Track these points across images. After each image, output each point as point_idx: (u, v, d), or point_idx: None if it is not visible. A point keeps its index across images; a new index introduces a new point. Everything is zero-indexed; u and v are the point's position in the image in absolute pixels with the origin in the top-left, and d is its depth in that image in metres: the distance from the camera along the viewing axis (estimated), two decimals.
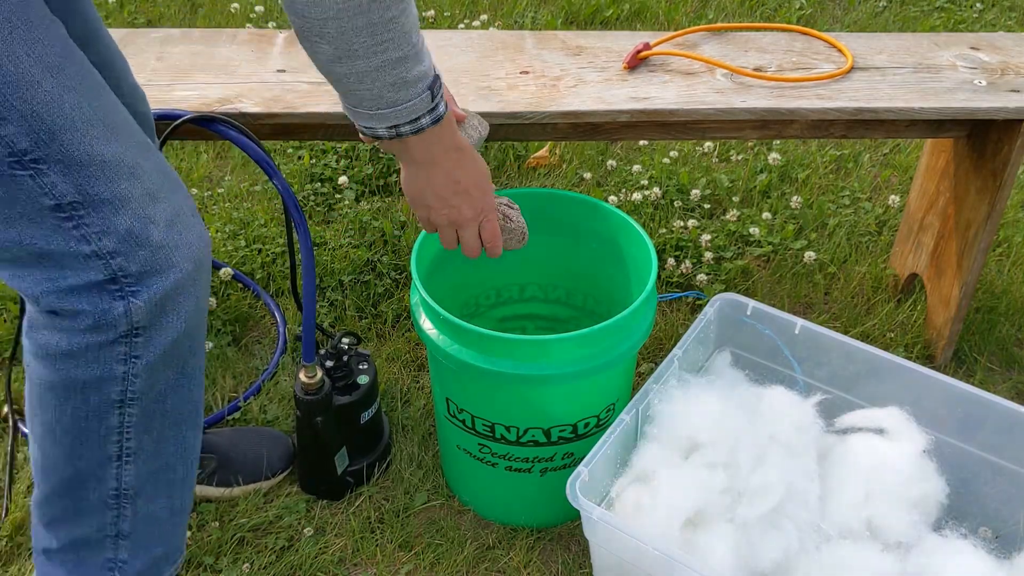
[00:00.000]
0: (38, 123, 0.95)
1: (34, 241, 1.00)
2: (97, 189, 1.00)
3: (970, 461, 1.38)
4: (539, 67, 1.58)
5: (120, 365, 1.07)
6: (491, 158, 2.31)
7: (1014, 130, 1.55)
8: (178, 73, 1.53)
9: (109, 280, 1.02)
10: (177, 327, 1.09)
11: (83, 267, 1.01)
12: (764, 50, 1.66)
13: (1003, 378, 1.82)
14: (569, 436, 1.39)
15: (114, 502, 1.17)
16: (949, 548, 1.27)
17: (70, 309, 1.03)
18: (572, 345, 1.29)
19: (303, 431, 1.46)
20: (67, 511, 1.17)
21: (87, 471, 1.14)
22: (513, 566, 1.45)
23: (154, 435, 1.15)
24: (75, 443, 1.12)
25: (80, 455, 1.12)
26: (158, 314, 1.06)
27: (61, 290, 1.02)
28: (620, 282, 1.56)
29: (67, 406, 1.09)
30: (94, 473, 1.14)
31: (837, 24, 3.00)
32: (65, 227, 0.99)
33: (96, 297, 1.03)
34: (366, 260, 1.97)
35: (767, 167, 2.29)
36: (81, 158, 0.98)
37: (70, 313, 1.03)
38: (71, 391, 1.08)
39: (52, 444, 1.13)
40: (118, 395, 1.09)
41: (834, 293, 1.98)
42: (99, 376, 1.07)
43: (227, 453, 1.51)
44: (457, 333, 1.30)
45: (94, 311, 1.03)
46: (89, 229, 1.00)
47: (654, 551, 1.15)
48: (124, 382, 1.08)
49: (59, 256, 1.01)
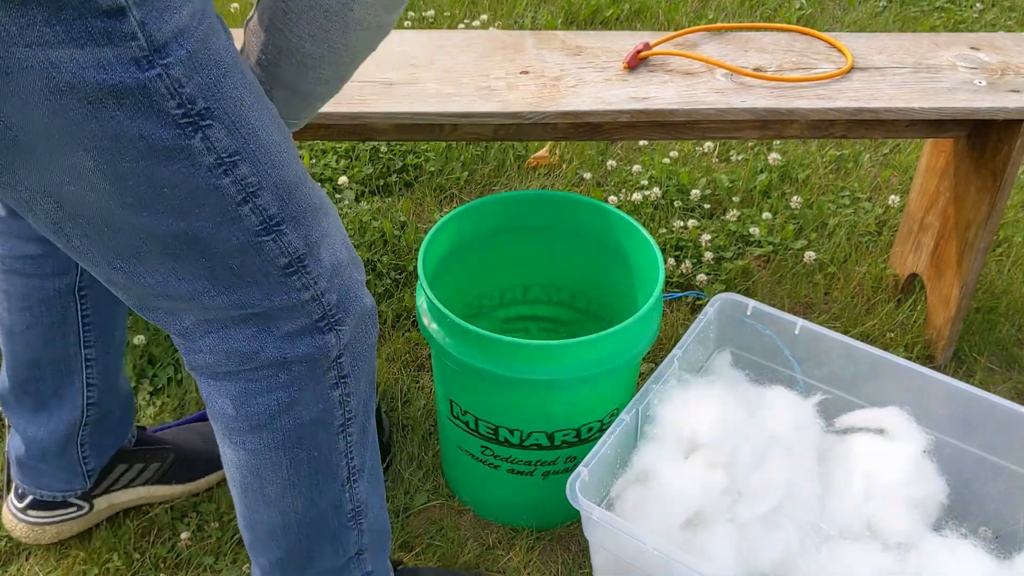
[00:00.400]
0: (283, 186, 0.92)
1: (256, 302, 0.95)
2: (314, 235, 0.96)
3: (970, 461, 1.38)
4: (539, 67, 1.58)
5: (335, 390, 1.03)
6: (491, 158, 2.31)
7: (1014, 130, 1.55)
8: None
9: (320, 317, 0.99)
10: (371, 337, 1.06)
11: (301, 312, 0.97)
12: (764, 50, 1.66)
13: (1003, 378, 1.82)
14: (572, 440, 1.39)
15: (352, 523, 1.13)
16: (949, 548, 1.27)
17: (293, 356, 0.98)
18: (580, 351, 1.29)
19: None
20: (311, 554, 1.12)
21: (327, 504, 1.10)
22: (513, 566, 1.45)
23: (368, 447, 1.12)
24: (314, 483, 1.08)
25: (320, 491, 1.08)
26: (356, 331, 1.03)
27: (280, 339, 0.97)
28: (624, 286, 1.56)
29: (302, 453, 1.05)
30: (333, 502, 1.10)
31: (837, 24, 3.00)
32: (290, 281, 0.95)
33: (311, 338, 0.99)
34: (366, 260, 1.97)
35: (767, 167, 2.29)
36: (306, 209, 0.95)
37: (292, 361, 0.99)
38: (302, 439, 1.04)
39: (293, 498, 1.08)
40: (340, 419, 1.06)
41: (834, 293, 1.98)
42: (323, 409, 1.03)
43: (184, 448, 1.51)
44: (464, 336, 1.30)
45: (312, 352, 0.99)
46: (309, 277, 0.96)
47: (654, 551, 1.15)
48: (342, 405, 1.05)
49: (279, 309, 0.96)
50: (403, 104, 1.47)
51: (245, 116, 0.87)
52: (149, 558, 1.43)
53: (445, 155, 2.30)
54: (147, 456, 1.47)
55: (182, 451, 1.51)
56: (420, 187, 2.23)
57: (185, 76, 0.81)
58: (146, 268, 0.92)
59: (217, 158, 0.86)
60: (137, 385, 1.69)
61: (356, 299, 1.02)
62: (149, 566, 1.42)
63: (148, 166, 0.84)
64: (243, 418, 1.02)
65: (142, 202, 0.86)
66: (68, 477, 1.40)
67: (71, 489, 1.41)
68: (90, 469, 1.40)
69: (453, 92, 1.50)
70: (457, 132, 1.54)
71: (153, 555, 1.43)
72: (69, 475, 1.39)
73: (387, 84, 1.51)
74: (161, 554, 1.43)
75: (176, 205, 0.87)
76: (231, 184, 0.88)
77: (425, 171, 2.26)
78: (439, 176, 2.25)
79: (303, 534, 1.11)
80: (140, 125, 0.81)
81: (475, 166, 2.30)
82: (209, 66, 0.83)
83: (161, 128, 0.82)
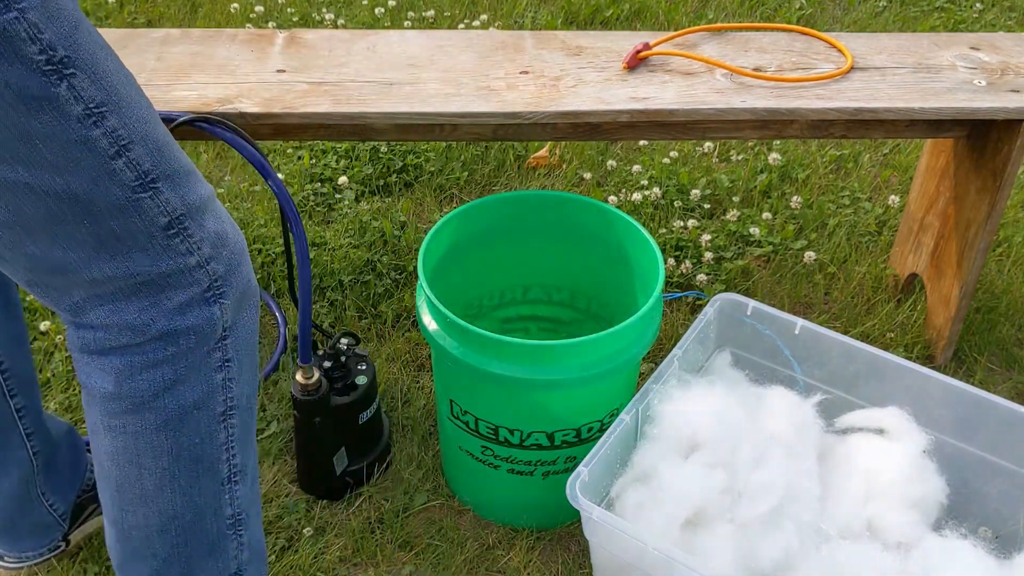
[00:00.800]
0: (152, 142, 0.93)
1: (144, 268, 0.95)
2: (191, 196, 0.97)
3: (970, 461, 1.38)
4: (539, 67, 1.58)
5: (218, 372, 1.02)
6: (491, 158, 2.31)
7: (1014, 130, 1.55)
8: (177, 73, 1.53)
9: (207, 288, 0.99)
10: (253, 319, 1.06)
11: (189, 280, 0.97)
12: (764, 50, 1.66)
13: (1003, 378, 1.82)
14: (572, 440, 1.39)
15: (232, 531, 1.11)
16: (949, 548, 1.27)
17: (183, 327, 0.98)
18: (580, 351, 1.29)
19: (301, 432, 1.46)
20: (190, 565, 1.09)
21: (205, 504, 1.07)
22: (513, 566, 1.45)
23: (249, 446, 1.11)
24: (192, 477, 1.05)
25: (199, 488, 1.06)
26: (238, 309, 1.03)
27: (171, 311, 0.97)
28: (624, 286, 1.56)
29: (183, 438, 1.03)
30: (211, 503, 1.07)
31: (837, 24, 3.00)
32: (174, 244, 0.96)
33: (199, 309, 0.99)
34: (366, 260, 1.97)
35: (767, 167, 2.29)
36: (178, 169, 0.96)
37: (181, 332, 0.98)
38: (183, 422, 1.02)
39: (172, 493, 1.05)
40: (222, 405, 1.04)
41: (834, 293, 1.98)
42: (206, 391, 1.02)
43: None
44: (464, 336, 1.30)
45: (200, 324, 0.99)
46: (192, 240, 0.97)
47: (654, 551, 1.15)
48: (224, 390, 1.04)
49: (167, 276, 0.96)
50: (403, 104, 1.47)
51: (104, 69, 0.88)
52: None
53: (445, 155, 2.30)
54: None
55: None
56: (420, 187, 2.23)
57: (41, 22, 0.81)
58: (30, 237, 0.92)
59: (85, 108, 0.86)
60: None
61: (241, 275, 1.02)
62: None
63: (19, 117, 0.84)
64: (125, 396, 1.00)
65: (17, 157, 0.86)
66: (43, 529, 1.37)
67: (51, 540, 1.38)
68: (61, 513, 1.37)
69: (453, 92, 1.50)
70: (457, 132, 1.54)
71: None
72: (43, 527, 1.36)
73: (387, 84, 1.51)
74: None
75: (51, 160, 0.87)
76: (102, 136, 0.88)
77: (425, 171, 2.26)
78: (439, 176, 2.25)
79: (181, 540, 1.08)
80: (4, 72, 0.81)
81: (475, 166, 2.30)
82: (61, 17, 0.84)
83: (27, 76, 0.82)
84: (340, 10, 2.92)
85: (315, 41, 1.63)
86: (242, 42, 1.63)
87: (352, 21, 2.87)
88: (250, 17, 2.86)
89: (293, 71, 1.54)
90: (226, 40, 1.63)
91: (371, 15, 2.89)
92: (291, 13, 2.89)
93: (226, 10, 2.88)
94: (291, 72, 1.54)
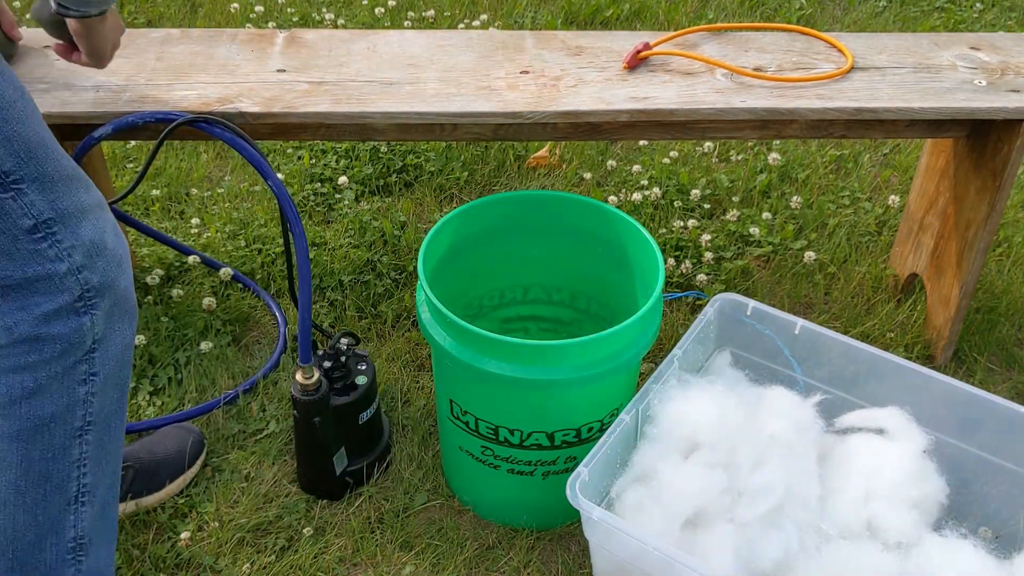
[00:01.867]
0: (18, 142, 0.92)
1: (7, 272, 0.94)
2: (66, 203, 0.96)
3: (970, 461, 1.38)
4: (539, 67, 1.58)
5: (82, 386, 1.01)
6: (491, 158, 2.31)
7: (1014, 130, 1.55)
8: (178, 73, 1.53)
9: (78, 297, 0.98)
10: (125, 334, 1.04)
11: (58, 288, 0.96)
12: (764, 50, 1.66)
13: (1003, 378, 1.82)
14: (572, 440, 1.39)
15: (72, 557, 1.07)
16: (949, 548, 1.27)
17: (47, 334, 0.97)
18: (579, 351, 1.29)
19: (301, 431, 1.46)
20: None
21: (48, 525, 1.04)
22: (513, 566, 1.45)
23: (104, 468, 1.08)
24: (40, 494, 1.02)
25: (44, 507, 1.03)
26: (110, 323, 1.01)
27: (38, 317, 0.96)
28: (624, 286, 1.56)
29: (34, 451, 1.00)
30: (55, 525, 1.04)
31: (837, 24, 3.00)
32: (40, 248, 0.95)
33: (68, 319, 0.97)
34: (366, 260, 1.97)
35: (767, 167, 2.29)
36: (52, 174, 0.95)
37: (45, 339, 0.97)
38: (38, 433, 1.00)
39: (15, 507, 1.02)
40: (80, 420, 1.02)
41: (834, 293, 1.98)
42: (66, 404, 1.00)
43: (145, 458, 1.48)
44: (464, 336, 1.30)
45: (68, 333, 0.97)
46: (62, 246, 0.96)
47: (654, 551, 1.15)
48: (85, 404, 1.02)
49: (34, 281, 0.95)
50: (403, 104, 1.47)
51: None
52: (149, 557, 1.43)
53: (445, 155, 2.30)
54: None
55: (143, 463, 1.47)
56: (420, 187, 2.23)
57: None
58: None
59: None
60: (137, 385, 1.69)
61: (117, 287, 1.01)
62: (149, 566, 1.42)
63: None
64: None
65: None
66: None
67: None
68: None
69: (453, 92, 1.50)
70: (457, 132, 1.54)
71: (153, 555, 1.43)
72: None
73: (387, 84, 1.51)
74: (161, 554, 1.43)
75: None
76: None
77: (425, 171, 2.26)
78: (439, 176, 2.25)
79: (16, 563, 1.04)
80: None
81: (475, 166, 2.30)
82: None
83: None
84: (340, 10, 2.92)
85: (315, 41, 1.63)
86: (242, 42, 1.63)
87: (352, 21, 2.87)
88: (250, 17, 2.86)
89: (293, 71, 1.54)
90: (226, 40, 1.63)
91: (371, 15, 2.89)
92: (291, 13, 2.89)
93: (226, 10, 2.88)
94: (291, 72, 1.54)
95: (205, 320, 1.81)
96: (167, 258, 1.95)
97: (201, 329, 1.80)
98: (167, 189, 2.17)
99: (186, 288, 1.89)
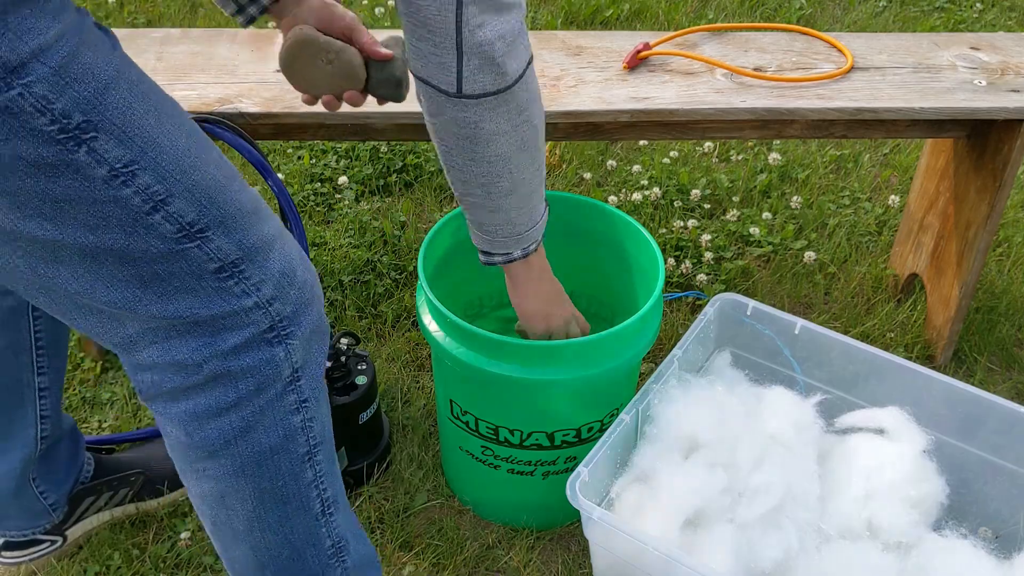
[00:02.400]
0: (199, 192, 0.91)
1: (194, 310, 0.93)
2: (250, 239, 0.94)
3: (970, 461, 1.38)
4: (539, 67, 1.58)
5: (295, 415, 1.01)
6: None
7: (1014, 130, 1.55)
8: (178, 73, 1.53)
9: (268, 329, 0.96)
10: (323, 354, 1.04)
11: (245, 322, 0.95)
12: (764, 50, 1.66)
13: (1003, 378, 1.82)
14: (572, 440, 1.39)
15: (335, 560, 1.10)
16: (949, 548, 1.27)
17: (235, 369, 0.96)
18: (580, 351, 1.29)
19: None
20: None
21: (301, 540, 1.07)
22: (513, 566, 1.45)
23: (335, 475, 1.09)
24: (282, 515, 1.04)
25: (291, 525, 1.05)
26: (309, 349, 1.01)
27: (224, 352, 0.95)
28: (624, 287, 1.56)
29: (264, 482, 1.02)
30: (309, 538, 1.07)
31: (837, 24, 3.00)
32: (227, 286, 0.93)
33: (258, 351, 0.96)
34: (366, 260, 1.97)
35: (767, 167, 2.29)
36: (235, 213, 0.93)
37: (235, 375, 0.96)
38: (263, 466, 1.01)
39: (263, 533, 1.05)
40: (304, 446, 1.03)
41: (834, 293, 1.98)
42: (283, 435, 1.00)
43: (155, 467, 1.48)
44: (464, 336, 1.30)
45: (259, 365, 0.96)
46: (249, 282, 0.94)
47: (654, 551, 1.15)
48: (305, 431, 1.02)
49: (220, 318, 0.94)
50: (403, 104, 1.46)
51: (138, 125, 0.86)
52: (149, 557, 1.43)
53: None
54: (114, 484, 1.44)
55: (152, 469, 1.47)
56: (420, 187, 2.23)
57: (53, 92, 0.80)
58: (70, 273, 0.90)
59: (111, 169, 0.85)
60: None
61: (311, 314, 1.00)
62: (149, 566, 1.42)
63: (38, 183, 0.83)
64: (198, 445, 0.99)
65: (43, 215, 0.85)
66: (31, 515, 1.36)
67: (37, 525, 1.38)
68: (52, 503, 1.37)
69: None
70: None
71: (153, 555, 1.43)
72: (32, 513, 1.36)
73: None
74: (161, 554, 1.43)
75: (80, 219, 0.86)
76: (134, 195, 0.87)
77: (425, 171, 2.26)
78: (439, 176, 2.25)
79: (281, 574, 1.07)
80: (14, 146, 0.81)
81: None
82: (84, 80, 0.82)
83: (38, 146, 0.81)
84: None
85: None
86: (242, 42, 1.63)
87: None
88: None
89: None
90: (226, 40, 1.63)
91: (371, 15, 2.89)
92: None
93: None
94: None
95: None
96: None
97: None
98: None
99: None
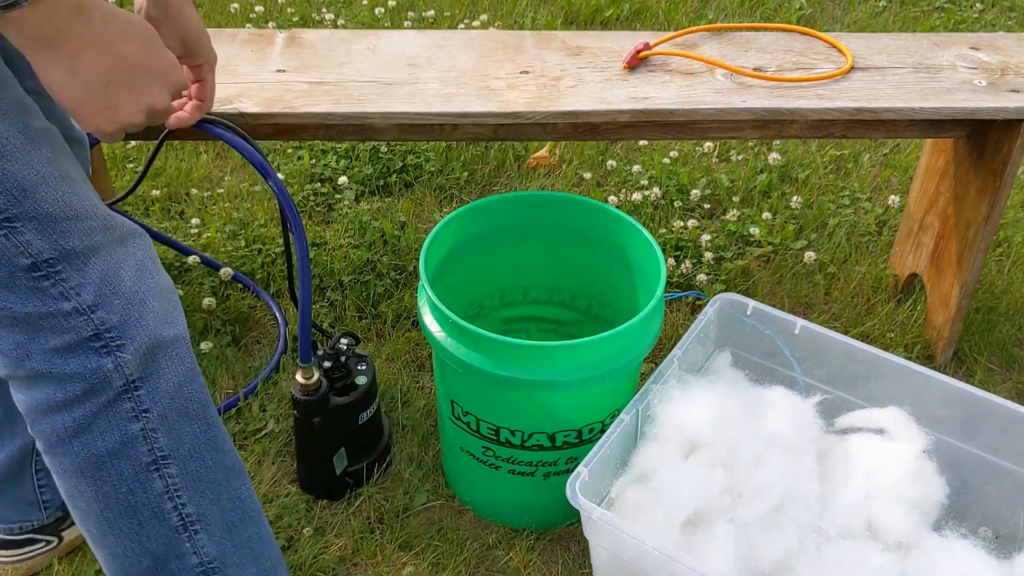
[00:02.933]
0: (10, 182, 0.91)
1: (10, 305, 0.94)
2: (71, 242, 0.95)
3: (970, 461, 1.38)
4: (539, 67, 1.58)
5: (134, 423, 1.02)
6: (491, 158, 2.31)
7: (1014, 130, 1.55)
8: None
9: (93, 336, 0.97)
10: (178, 369, 1.04)
11: (64, 326, 0.96)
12: (764, 50, 1.66)
13: (1003, 378, 1.82)
14: (573, 441, 1.39)
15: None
16: (949, 548, 1.27)
17: (59, 372, 0.97)
18: (581, 352, 1.29)
19: (301, 432, 1.46)
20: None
21: (162, 551, 1.07)
22: (513, 566, 1.45)
23: (209, 496, 1.09)
24: (134, 524, 1.05)
25: (147, 535, 1.06)
26: (150, 365, 1.01)
27: (48, 352, 0.97)
28: (625, 287, 1.56)
29: (106, 485, 1.03)
30: (170, 551, 1.07)
31: (837, 24, 3.00)
32: (42, 286, 0.94)
33: (84, 357, 0.97)
34: (366, 260, 1.97)
35: (767, 167, 2.29)
36: (52, 212, 0.94)
37: (60, 377, 0.98)
38: (102, 468, 1.02)
39: (116, 536, 1.05)
40: (147, 455, 1.04)
41: (834, 293, 1.98)
42: (120, 441, 1.02)
43: None
44: (466, 337, 1.30)
45: (83, 372, 0.98)
46: (67, 284, 0.95)
47: (654, 551, 1.15)
48: (147, 440, 1.03)
49: (37, 318, 0.95)
50: (403, 104, 1.47)
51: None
52: None
53: (445, 155, 2.30)
54: None
55: None
56: (420, 187, 2.23)
57: None
58: None
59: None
60: None
61: (144, 325, 1.00)
62: None
63: None
64: (39, 437, 1.01)
65: None
66: (24, 508, 1.36)
67: (27, 521, 1.37)
68: (47, 500, 1.36)
69: (453, 92, 1.50)
70: (457, 132, 1.54)
71: None
72: (25, 505, 1.35)
73: (387, 84, 1.51)
74: None
75: None
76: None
77: (425, 171, 2.26)
78: (439, 176, 2.25)
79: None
80: None
81: (475, 166, 2.30)
82: None
83: None
84: (340, 10, 2.93)
85: (315, 41, 1.63)
86: (242, 42, 1.63)
87: (352, 21, 2.87)
88: (250, 17, 2.86)
89: (293, 71, 1.54)
90: (226, 40, 1.63)
91: (371, 15, 2.89)
92: (291, 13, 2.89)
93: (226, 10, 2.88)
94: (291, 72, 1.54)
95: (205, 320, 1.81)
96: (167, 258, 1.96)
97: (201, 329, 1.80)
98: (167, 189, 2.17)
99: (186, 288, 1.89)
